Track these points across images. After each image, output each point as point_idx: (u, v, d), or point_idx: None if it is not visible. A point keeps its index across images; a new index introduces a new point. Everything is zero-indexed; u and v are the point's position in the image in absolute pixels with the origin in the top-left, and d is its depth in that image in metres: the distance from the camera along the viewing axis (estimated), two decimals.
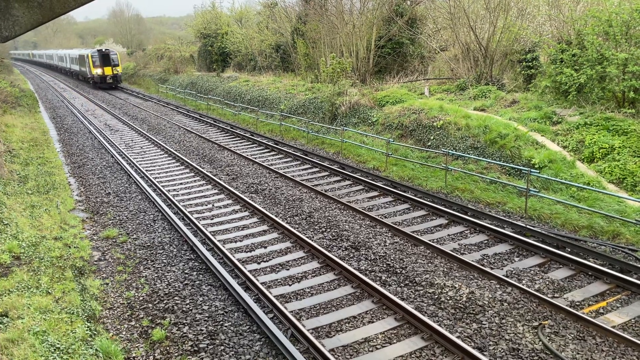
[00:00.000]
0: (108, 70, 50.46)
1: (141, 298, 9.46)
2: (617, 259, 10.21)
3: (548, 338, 7.88)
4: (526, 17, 23.84)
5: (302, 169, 18.39)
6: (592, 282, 9.62)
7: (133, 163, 19.54)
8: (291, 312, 8.76)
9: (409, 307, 8.51)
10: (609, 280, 9.53)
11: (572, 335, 7.94)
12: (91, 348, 7.54)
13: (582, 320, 8.23)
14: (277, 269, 10.47)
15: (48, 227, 12.25)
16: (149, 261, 11.03)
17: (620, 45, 16.02)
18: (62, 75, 75.04)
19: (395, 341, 7.96)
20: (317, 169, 18.23)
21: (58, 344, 7.42)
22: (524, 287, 9.26)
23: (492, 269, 10.24)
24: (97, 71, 49.95)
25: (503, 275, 9.82)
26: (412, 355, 7.59)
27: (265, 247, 11.54)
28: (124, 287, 9.92)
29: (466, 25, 24.48)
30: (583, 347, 7.63)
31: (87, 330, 8.04)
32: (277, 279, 10.04)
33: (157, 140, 23.86)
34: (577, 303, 8.92)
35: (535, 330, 8.07)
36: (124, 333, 8.37)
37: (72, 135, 25.93)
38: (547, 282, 9.50)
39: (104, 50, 50.80)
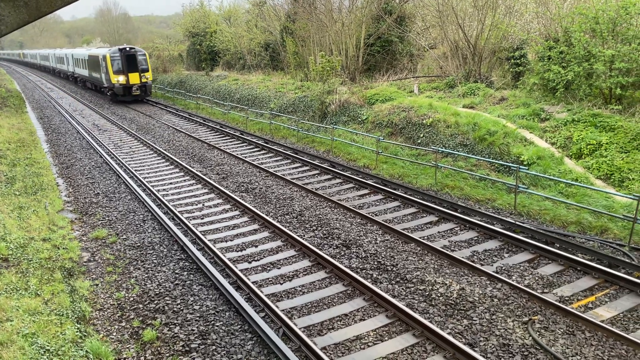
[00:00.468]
0: (135, 78, 36.48)
1: (131, 299, 9.41)
2: (605, 254, 10.31)
3: (538, 333, 7.94)
4: (514, 15, 23.97)
5: (293, 168, 18.37)
6: (580, 277, 9.71)
7: (122, 163, 19.40)
8: (283, 310, 8.75)
9: (400, 305, 8.54)
10: (597, 275, 9.63)
11: (562, 330, 8.01)
12: (81, 350, 7.49)
13: (572, 315, 8.31)
14: (269, 268, 10.45)
15: (36, 229, 12.13)
16: (139, 261, 10.97)
17: (607, 42, 16.17)
18: (49, 75, 73.88)
19: (387, 338, 7.98)
20: (307, 168, 18.22)
21: (48, 346, 7.36)
22: (514, 283, 9.33)
23: (482, 265, 10.31)
24: (119, 79, 36.03)
25: (493, 272, 9.89)
26: (404, 352, 7.62)
27: (256, 246, 11.52)
28: (114, 287, 9.86)
29: (455, 23, 24.57)
30: (572, 342, 7.70)
31: (77, 331, 7.98)
32: (268, 278, 10.03)
33: (146, 139, 23.71)
34: (566, 298, 9.00)
35: (525, 326, 8.13)
36: (114, 334, 8.32)
37: (60, 136, 25.69)
38: (537, 278, 9.58)
39: (128, 48, 36.45)
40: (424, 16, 31.08)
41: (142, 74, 36.63)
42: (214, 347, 7.86)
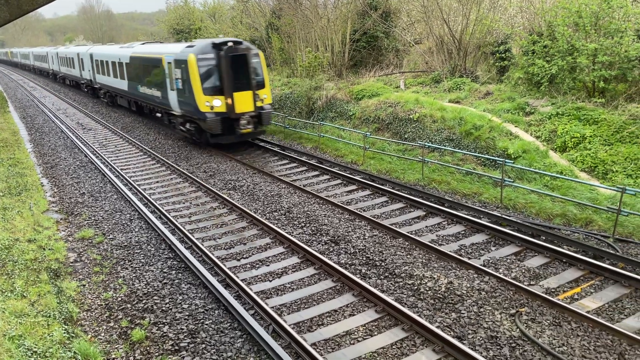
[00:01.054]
0: (245, 102, 19.18)
1: (119, 299, 9.35)
2: (590, 245, 10.45)
3: (525, 325, 8.04)
4: (498, 9, 24.13)
5: (280, 165, 18.33)
6: (566, 269, 9.83)
7: (107, 162, 19.22)
8: (272, 307, 8.75)
9: (389, 299, 8.59)
10: (582, 266, 9.75)
11: (549, 321, 8.11)
12: (69, 351, 7.43)
13: (558, 306, 8.41)
14: (257, 265, 10.45)
15: (21, 230, 11.98)
16: (127, 261, 10.89)
17: (590, 36, 16.33)
18: (32, 74, 72.35)
19: (376, 333, 8.03)
20: (295, 164, 18.19)
21: (35, 347, 7.28)
22: (501, 275, 9.42)
23: (469, 258, 10.38)
24: (215, 103, 18.89)
25: (480, 265, 9.97)
26: (393, 346, 7.67)
27: (245, 244, 11.50)
28: (102, 288, 9.78)
29: (439, 18, 24.67)
30: (559, 333, 7.80)
31: (64, 333, 7.92)
32: (257, 275, 10.02)
33: (131, 138, 23.49)
34: (553, 290, 9.11)
35: (513, 318, 8.22)
36: (102, 335, 8.26)
37: (44, 135, 25.38)
38: (523, 270, 9.68)
39: (231, 44, 18.91)
40: (409, 11, 31.14)
41: (256, 92, 19.18)
42: (203, 345, 7.85)
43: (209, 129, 19.02)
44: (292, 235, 11.75)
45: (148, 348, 7.82)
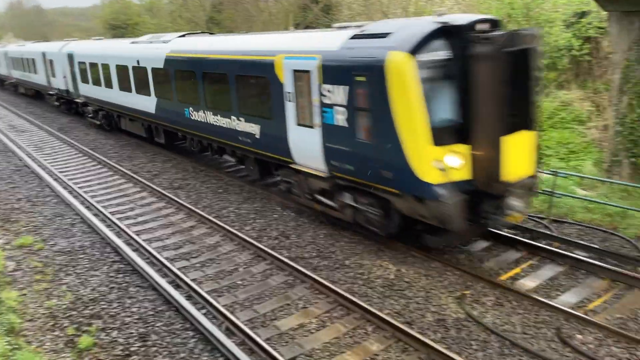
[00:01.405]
0: (520, 155, 8.74)
1: (64, 306, 9.04)
2: (528, 228, 10.98)
3: (470, 307, 8.38)
4: (436, 2, 24.74)
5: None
6: (507, 251, 10.29)
7: (44, 165, 18.42)
8: (224, 306, 8.71)
9: (340, 290, 8.74)
10: (521, 248, 10.24)
11: (492, 301, 8.49)
12: None
13: (500, 287, 8.82)
14: (208, 264, 10.35)
15: None
16: (70, 267, 10.53)
17: (522, 27, 17.03)
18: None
19: (329, 324, 8.15)
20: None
21: None
22: (446, 261, 9.76)
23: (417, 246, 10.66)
24: (450, 162, 8.53)
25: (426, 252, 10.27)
26: (346, 336, 7.82)
27: (194, 243, 11.36)
28: (44, 296, 9.42)
29: (379, 11, 25.04)
30: (502, 312, 8.19)
31: (6, 344, 7.59)
32: (208, 274, 9.93)
33: (69, 139, 22.58)
34: (495, 272, 9.53)
35: (459, 301, 8.56)
36: (48, 344, 7.98)
37: None
38: (467, 255, 10.06)
39: (485, 25, 8.59)
40: (350, 4, 31.42)
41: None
42: (155, 348, 7.73)
43: (438, 219, 8.92)
44: (241, 232, 11.67)
45: (97, 355, 7.63)
